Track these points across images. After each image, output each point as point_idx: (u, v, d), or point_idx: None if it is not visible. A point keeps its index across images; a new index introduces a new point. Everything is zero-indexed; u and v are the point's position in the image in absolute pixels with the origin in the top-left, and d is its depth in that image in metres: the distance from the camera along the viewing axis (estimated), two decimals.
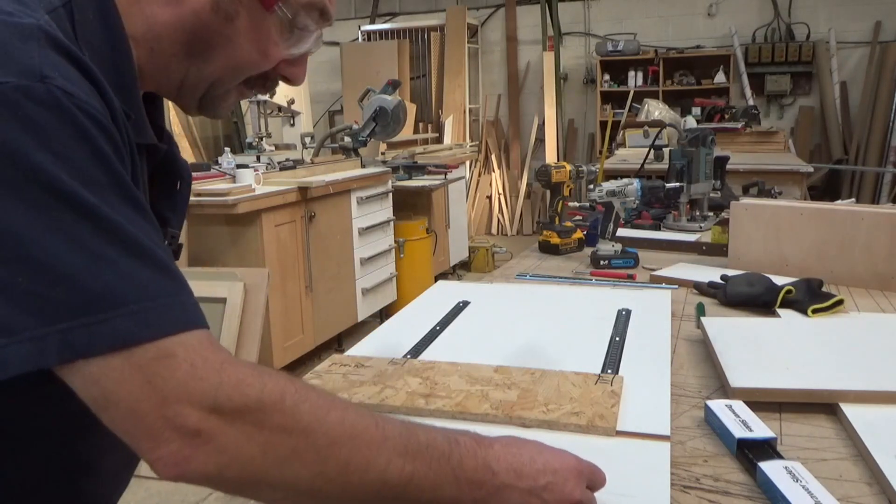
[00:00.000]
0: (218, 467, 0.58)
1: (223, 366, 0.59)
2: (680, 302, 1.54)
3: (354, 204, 4.11)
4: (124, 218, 0.59)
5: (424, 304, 1.52)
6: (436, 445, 0.65)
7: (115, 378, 0.56)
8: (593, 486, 0.72)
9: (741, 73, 7.01)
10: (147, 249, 0.59)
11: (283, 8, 0.71)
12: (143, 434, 0.57)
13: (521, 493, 0.67)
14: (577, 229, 2.12)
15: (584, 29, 7.69)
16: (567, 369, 1.06)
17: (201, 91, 0.75)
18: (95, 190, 0.58)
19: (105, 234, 0.57)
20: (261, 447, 0.58)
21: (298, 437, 0.60)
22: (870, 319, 1.36)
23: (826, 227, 1.65)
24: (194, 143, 7.06)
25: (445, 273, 5.43)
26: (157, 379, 0.56)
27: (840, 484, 0.80)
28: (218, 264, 3.39)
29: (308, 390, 0.63)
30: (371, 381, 1.04)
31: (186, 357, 0.58)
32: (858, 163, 6.70)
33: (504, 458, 0.68)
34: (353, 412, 0.64)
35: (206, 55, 0.71)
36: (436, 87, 7.77)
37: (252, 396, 0.59)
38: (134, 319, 0.56)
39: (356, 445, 0.62)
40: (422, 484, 0.64)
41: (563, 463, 0.70)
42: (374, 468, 0.62)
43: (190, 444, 0.57)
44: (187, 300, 0.61)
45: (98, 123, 0.60)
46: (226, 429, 0.58)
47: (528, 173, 7.72)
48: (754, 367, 1.07)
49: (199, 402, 0.57)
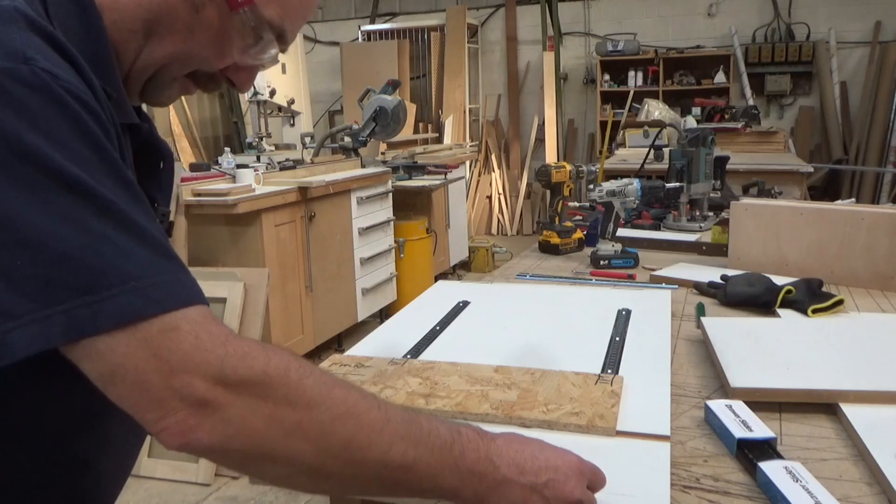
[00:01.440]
0: (223, 438, 0.58)
1: (228, 339, 0.60)
2: (680, 302, 1.54)
3: (354, 204, 4.11)
4: (118, 197, 0.59)
5: (424, 304, 1.51)
6: (438, 434, 0.66)
7: (122, 352, 0.56)
8: (594, 487, 0.72)
9: (741, 73, 7.01)
10: (143, 228, 0.60)
11: (247, 12, 0.71)
12: (150, 405, 0.57)
13: (521, 488, 0.67)
14: (577, 229, 2.12)
15: (584, 29, 7.69)
16: (567, 369, 1.06)
17: (148, 74, 0.74)
18: (88, 170, 0.58)
19: (102, 214, 0.58)
20: (265, 419, 0.59)
21: (303, 411, 0.60)
22: (870, 319, 1.36)
23: (826, 227, 1.65)
24: (194, 143, 7.07)
25: (445, 273, 5.43)
26: (163, 351, 0.57)
27: (840, 484, 0.80)
28: (218, 264, 3.39)
29: (312, 367, 0.64)
30: (371, 381, 1.04)
31: (191, 330, 0.58)
32: (858, 163, 6.70)
33: (506, 453, 0.68)
34: (356, 392, 0.65)
35: (164, 39, 0.71)
36: (436, 87, 7.77)
37: (257, 369, 0.59)
38: (137, 295, 0.57)
39: (359, 423, 0.62)
40: (423, 470, 0.64)
41: (565, 461, 0.70)
42: (376, 448, 0.62)
43: (196, 414, 0.57)
44: (186, 278, 0.61)
45: (85, 104, 0.60)
46: (232, 399, 0.58)
47: (528, 173, 7.72)
48: (754, 367, 1.07)
49: (205, 373, 0.57)
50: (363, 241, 4.20)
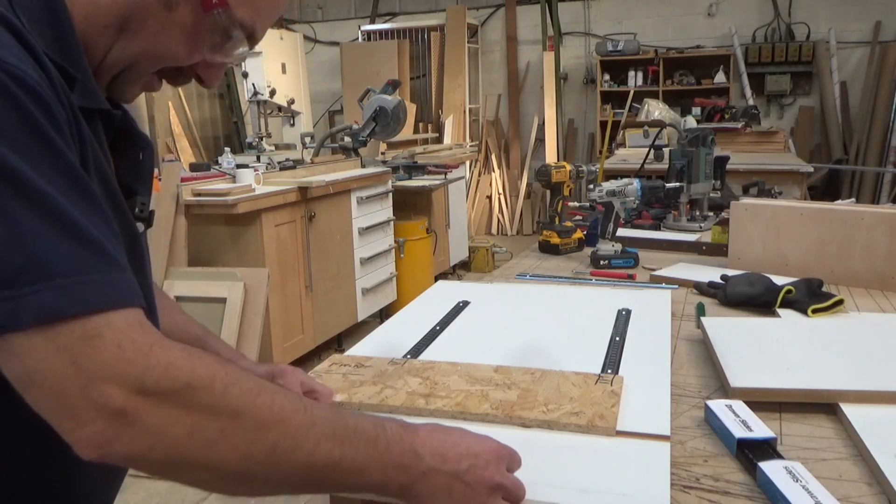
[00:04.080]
0: (142, 448, 0.58)
1: (152, 348, 0.58)
2: (680, 302, 1.54)
3: (354, 204, 4.11)
4: (57, 190, 0.57)
5: (424, 304, 1.52)
6: (363, 430, 0.67)
7: (40, 357, 0.55)
8: (511, 469, 0.75)
9: (741, 73, 7.01)
10: (77, 223, 0.58)
11: (220, 13, 0.71)
12: (65, 414, 0.56)
13: (444, 476, 0.69)
14: (577, 229, 2.12)
15: (584, 29, 7.69)
16: (567, 369, 1.06)
17: (116, 70, 0.73)
18: (28, 160, 0.56)
19: (33, 206, 0.56)
20: (187, 429, 0.58)
21: (226, 420, 0.60)
22: (870, 319, 1.36)
23: (826, 227, 1.65)
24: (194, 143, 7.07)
25: (445, 273, 5.43)
26: (82, 359, 0.55)
27: (840, 484, 0.80)
28: (218, 264, 3.39)
29: (239, 374, 0.63)
30: (371, 381, 1.04)
31: (114, 338, 0.57)
32: (858, 163, 6.70)
33: (429, 443, 0.70)
34: (282, 396, 0.65)
35: (136, 36, 0.71)
36: (436, 87, 7.77)
37: (180, 379, 0.59)
38: (60, 293, 0.55)
39: (284, 428, 0.62)
40: (349, 467, 0.65)
41: (485, 448, 0.72)
42: (302, 451, 0.63)
43: (114, 425, 0.56)
44: (119, 277, 0.59)
45: (30, 91, 0.58)
46: (151, 410, 0.57)
47: (528, 173, 7.72)
48: (754, 367, 1.07)
49: (124, 383, 0.56)
50: (363, 241, 4.20)
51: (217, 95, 7.69)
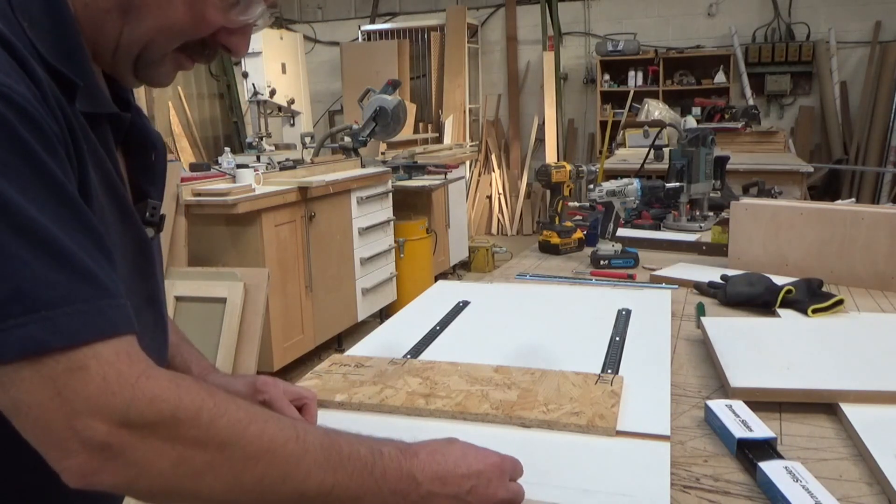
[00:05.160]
0: (127, 480, 0.58)
1: (138, 380, 0.58)
2: (680, 302, 1.54)
3: (354, 204, 4.11)
4: (47, 215, 0.56)
5: (424, 304, 1.52)
6: (358, 457, 0.65)
7: (25, 388, 0.55)
8: (514, 478, 0.74)
9: (741, 73, 7.01)
10: (66, 251, 0.57)
11: None
12: (51, 444, 0.56)
13: (445, 499, 0.68)
14: (577, 229, 2.12)
15: (584, 29, 7.69)
16: (567, 369, 1.06)
17: (134, 54, 0.71)
18: (14, 185, 0.55)
19: (20, 233, 0.55)
20: (172, 462, 0.58)
21: (213, 452, 0.59)
22: (870, 319, 1.36)
23: (826, 227, 1.65)
24: (194, 143, 7.07)
25: (445, 273, 5.43)
26: (67, 391, 0.55)
27: (840, 484, 0.80)
28: (218, 264, 3.39)
29: (228, 403, 0.62)
30: (371, 381, 1.04)
31: (99, 370, 0.56)
32: (858, 163, 6.70)
33: (429, 467, 0.68)
34: (274, 425, 0.63)
35: (141, 14, 0.69)
36: (436, 87, 7.77)
37: (165, 411, 0.58)
38: (45, 326, 0.54)
39: (274, 459, 0.61)
40: (342, 495, 0.64)
41: (487, 464, 0.71)
42: (292, 481, 0.62)
43: (97, 458, 0.56)
44: (109, 304, 0.58)
45: (20, 110, 0.57)
46: (136, 443, 0.57)
47: (528, 173, 7.72)
48: (754, 367, 1.07)
49: (108, 417, 0.56)
50: (363, 241, 4.20)
51: (217, 95, 7.69)
